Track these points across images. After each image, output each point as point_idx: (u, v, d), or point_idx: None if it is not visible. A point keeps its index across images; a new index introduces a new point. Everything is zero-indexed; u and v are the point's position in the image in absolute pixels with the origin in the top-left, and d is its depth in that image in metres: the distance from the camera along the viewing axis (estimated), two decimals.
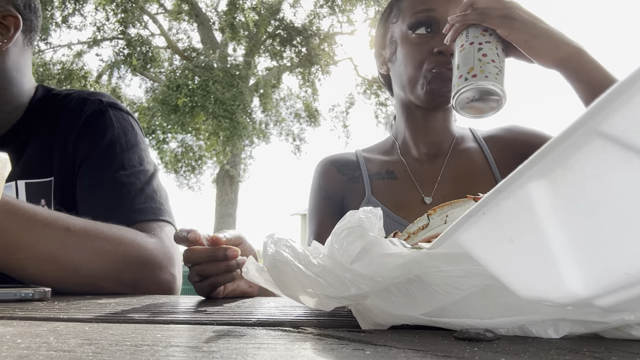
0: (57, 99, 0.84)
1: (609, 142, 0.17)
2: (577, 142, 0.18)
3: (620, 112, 0.17)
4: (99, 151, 0.77)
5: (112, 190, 0.73)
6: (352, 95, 11.60)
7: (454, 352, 0.22)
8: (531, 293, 0.23)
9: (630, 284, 0.20)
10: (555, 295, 0.22)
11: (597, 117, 0.17)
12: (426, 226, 0.44)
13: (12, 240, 0.57)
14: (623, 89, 0.16)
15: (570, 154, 0.18)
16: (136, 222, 0.71)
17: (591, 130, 0.17)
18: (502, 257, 0.23)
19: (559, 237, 0.20)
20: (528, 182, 0.20)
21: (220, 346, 0.24)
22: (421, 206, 0.86)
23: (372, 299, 0.29)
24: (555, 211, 0.20)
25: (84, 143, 0.78)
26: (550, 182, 0.19)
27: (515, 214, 0.21)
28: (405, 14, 0.86)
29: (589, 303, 0.21)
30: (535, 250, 0.21)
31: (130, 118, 0.84)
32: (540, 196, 0.20)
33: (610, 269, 0.20)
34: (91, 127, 0.79)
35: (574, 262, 0.20)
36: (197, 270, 0.55)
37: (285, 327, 0.31)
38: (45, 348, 0.22)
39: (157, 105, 9.01)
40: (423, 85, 0.82)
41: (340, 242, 0.29)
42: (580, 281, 0.21)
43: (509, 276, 0.23)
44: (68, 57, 10.18)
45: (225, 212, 9.59)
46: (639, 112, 0.16)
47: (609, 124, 0.17)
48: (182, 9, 10.69)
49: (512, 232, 0.21)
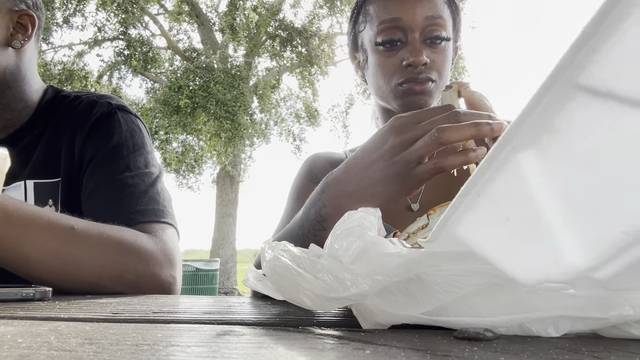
0: (67, 100, 0.85)
1: (590, 95, 0.17)
2: (559, 99, 0.18)
3: (596, 61, 0.16)
4: (105, 152, 0.78)
5: (116, 191, 0.74)
6: (351, 96, 11.62)
7: (453, 351, 0.22)
8: (531, 276, 0.22)
9: (628, 244, 0.19)
10: (555, 272, 0.21)
11: (571, 67, 0.17)
12: (426, 226, 0.44)
13: (11, 245, 0.57)
14: (591, 33, 0.16)
15: (553, 114, 0.18)
16: (138, 222, 0.71)
17: (569, 84, 0.17)
18: (500, 241, 0.22)
19: (554, 207, 0.20)
20: (517, 153, 0.19)
21: (221, 346, 0.24)
22: (407, 213, 0.86)
23: (372, 298, 0.29)
24: (546, 179, 0.19)
25: (92, 144, 0.79)
26: (538, 150, 0.19)
27: (508, 191, 0.20)
28: (372, 23, 0.82)
29: (589, 277, 0.21)
30: (531, 226, 0.21)
31: (137, 121, 0.85)
32: (530, 166, 0.19)
33: (607, 230, 0.19)
34: (99, 129, 0.80)
35: (570, 230, 0.20)
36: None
37: (285, 327, 0.31)
38: (46, 347, 0.22)
39: (158, 106, 9.02)
40: (394, 99, 0.80)
41: (340, 242, 0.29)
42: (579, 250, 0.20)
43: (508, 261, 0.23)
44: (69, 57, 10.19)
45: (225, 212, 9.58)
46: (615, 58, 0.16)
47: (586, 75, 0.17)
48: (182, 10, 10.69)
49: (507, 209, 0.21)
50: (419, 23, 0.76)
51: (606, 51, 0.16)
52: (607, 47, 0.16)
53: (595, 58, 0.16)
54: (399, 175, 0.49)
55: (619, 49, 0.16)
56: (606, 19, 0.16)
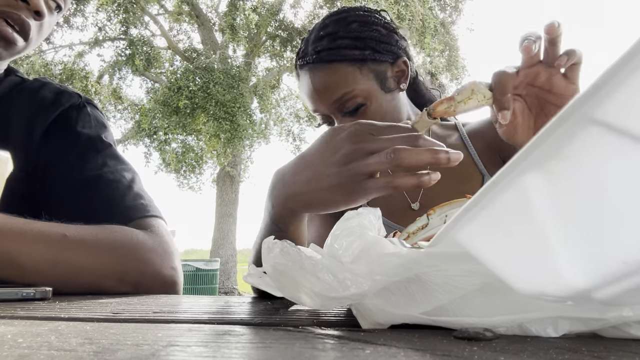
0: (24, 80, 0.81)
1: (603, 129, 0.17)
2: (571, 130, 0.18)
3: (613, 98, 0.16)
4: (79, 148, 0.75)
5: (101, 188, 0.72)
6: None
7: (453, 351, 0.22)
8: (529, 288, 0.23)
9: (628, 273, 0.19)
10: (553, 289, 0.22)
11: (590, 103, 0.17)
12: (426, 226, 0.44)
13: (5, 261, 0.56)
14: (614, 73, 0.16)
15: (564, 144, 0.18)
16: (132, 219, 0.70)
17: (584, 117, 0.17)
18: (500, 252, 0.23)
19: (556, 229, 0.20)
20: (524, 174, 0.20)
21: (221, 345, 0.24)
22: (408, 211, 0.86)
23: (372, 298, 0.30)
24: (551, 202, 0.20)
25: (60, 137, 0.76)
26: (546, 174, 0.19)
27: (511, 207, 0.21)
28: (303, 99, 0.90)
29: (587, 296, 0.21)
30: (533, 244, 0.21)
31: (104, 118, 0.83)
32: (536, 188, 0.20)
33: (608, 258, 0.20)
34: (68, 121, 0.77)
35: (572, 253, 0.20)
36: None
37: (285, 327, 0.31)
38: (46, 347, 0.22)
39: (158, 106, 9.02)
40: None
41: (340, 241, 0.29)
42: (578, 273, 0.21)
43: (507, 272, 0.23)
44: (69, 57, 10.20)
45: (226, 212, 9.58)
46: (632, 96, 0.16)
47: (603, 110, 0.17)
48: (182, 10, 10.69)
49: (509, 226, 0.21)
50: (333, 108, 0.83)
51: (625, 90, 0.16)
52: (626, 86, 0.16)
53: (613, 95, 0.16)
54: (348, 185, 0.48)
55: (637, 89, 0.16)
56: (629, 63, 0.16)
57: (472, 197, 0.22)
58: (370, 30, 0.84)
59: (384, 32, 0.85)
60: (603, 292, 0.21)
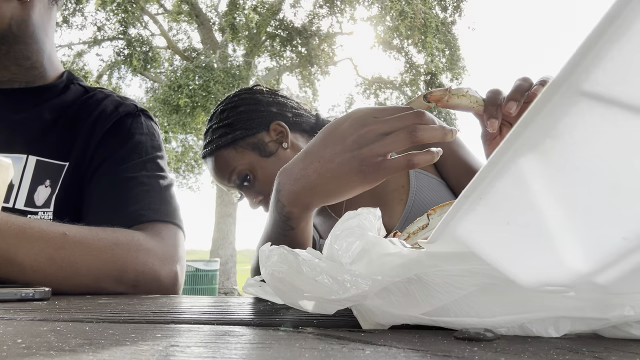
0: (88, 90, 0.88)
1: (594, 101, 0.17)
2: (562, 105, 0.18)
3: (601, 66, 0.16)
4: (125, 150, 0.79)
5: (131, 187, 0.75)
6: (351, 96, 11.63)
7: (454, 351, 0.22)
8: (531, 278, 0.22)
9: (629, 250, 0.19)
10: (556, 276, 0.21)
11: (577, 73, 0.17)
12: (426, 226, 0.44)
13: (4, 258, 0.56)
14: (595, 42, 0.16)
15: (556, 120, 0.18)
16: (149, 220, 0.72)
17: (573, 89, 0.17)
18: (500, 243, 0.22)
19: (555, 212, 0.20)
20: (519, 157, 0.19)
21: (220, 346, 0.24)
22: None
23: (373, 298, 0.29)
24: (548, 184, 0.19)
25: (112, 140, 0.80)
26: (540, 155, 0.19)
27: (509, 195, 0.20)
28: None
29: (589, 281, 0.21)
30: (532, 230, 0.21)
31: (157, 127, 0.88)
32: (532, 171, 0.19)
33: (608, 235, 0.19)
34: (121, 127, 0.82)
35: (572, 235, 0.20)
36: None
37: (285, 327, 0.31)
38: (45, 348, 0.22)
39: (158, 105, 9.02)
40: None
41: (340, 242, 0.29)
42: (580, 255, 0.20)
43: (508, 263, 0.23)
44: (69, 57, 10.19)
45: (225, 212, 9.58)
46: (619, 64, 0.16)
47: (591, 80, 0.17)
48: (182, 10, 10.69)
49: (508, 214, 0.21)
50: (230, 185, 0.96)
51: (611, 57, 0.16)
52: (612, 53, 0.16)
53: (600, 64, 0.16)
54: (366, 167, 0.49)
55: (624, 55, 0.16)
56: (612, 25, 0.16)
57: (468, 185, 0.22)
58: (236, 114, 0.95)
59: (251, 107, 0.96)
60: (605, 276, 0.20)
